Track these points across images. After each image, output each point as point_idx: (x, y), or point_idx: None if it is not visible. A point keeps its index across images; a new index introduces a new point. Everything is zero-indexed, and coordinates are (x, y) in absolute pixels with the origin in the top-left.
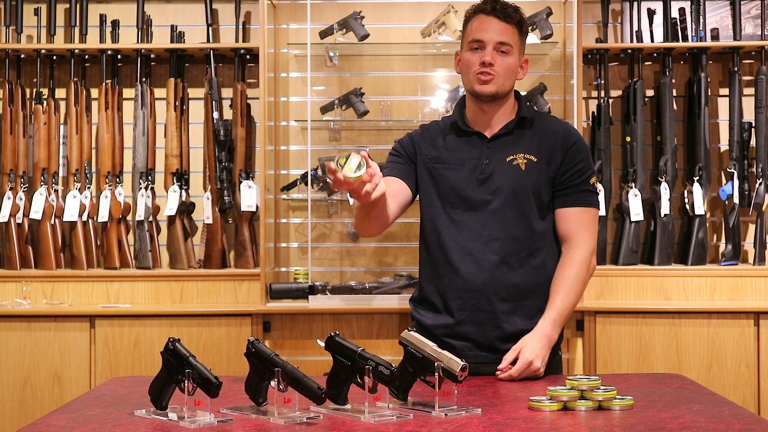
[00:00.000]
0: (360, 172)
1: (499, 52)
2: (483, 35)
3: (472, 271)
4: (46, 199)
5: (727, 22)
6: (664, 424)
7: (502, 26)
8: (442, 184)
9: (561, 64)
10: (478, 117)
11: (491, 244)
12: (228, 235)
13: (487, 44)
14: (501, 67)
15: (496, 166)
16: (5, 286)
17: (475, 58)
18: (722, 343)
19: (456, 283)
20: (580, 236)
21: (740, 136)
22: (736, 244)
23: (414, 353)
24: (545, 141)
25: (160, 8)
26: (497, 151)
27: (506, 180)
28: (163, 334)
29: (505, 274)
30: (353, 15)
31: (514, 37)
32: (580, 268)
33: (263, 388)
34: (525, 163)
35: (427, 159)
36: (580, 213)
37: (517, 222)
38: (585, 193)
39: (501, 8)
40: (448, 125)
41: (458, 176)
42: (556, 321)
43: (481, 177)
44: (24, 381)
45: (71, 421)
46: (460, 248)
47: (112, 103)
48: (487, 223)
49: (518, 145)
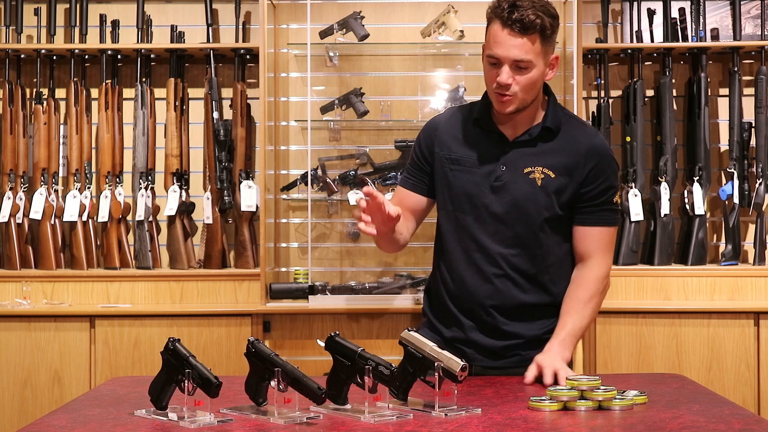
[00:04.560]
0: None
1: (517, 68)
2: (498, 51)
3: (475, 282)
4: (46, 199)
5: (727, 22)
6: (664, 424)
7: (520, 41)
8: (456, 188)
9: (561, 64)
10: (503, 118)
11: (496, 257)
12: (228, 235)
13: (503, 62)
14: (520, 85)
15: (512, 176)
16: (5, 286)
17: (492, 74)
18: (722, 343)
19: (463, 292)
20: (598, 256)
21: (740, 136)
22: (736, 244)
23: (414, 353)
24: (568, 156)
25: (160, 8)
26: (516, 159)
27: (519, 193)
28: (163, 334)
29: (510, 290)
30: (353, 15)
31: (534, 48)
32: (595, 288)
33: (263, 388)
34: (542, 178)
35: (444, 159)
36: (600, 233)
37: (525, 238)
38: (606, 212)
39: (518, 18)
40: (472, 118)
41: (472, 180)
42: (565, 341)
43: (496, 185)
44: (24, 381)
45: (71, 421)
46: (465, 256)
47: (112, 103)
48: (494, 235)
49: (538, 156)
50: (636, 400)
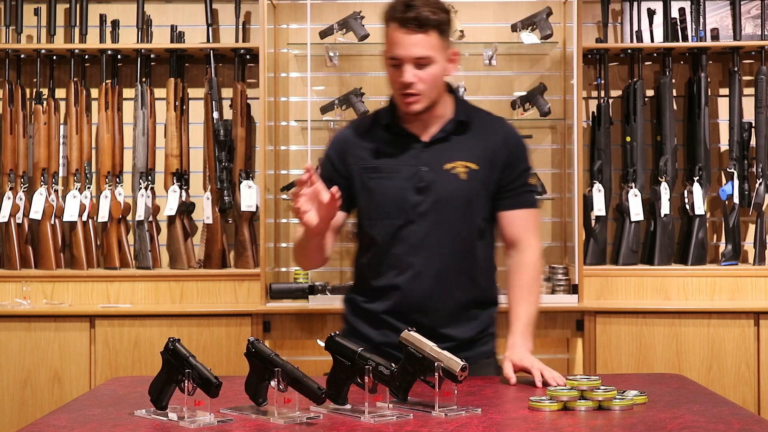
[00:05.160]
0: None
1: (419, 66)
2: (399, 51)
3: (412, 286)
4: (46, 199)
5: (727, 22)
6: (664, 424)
7: (418, 38)
8: (379, 195)
9: (561, 64)
10: (411, 120)
11: (431, 257)
12: (228, 235)
13: (405, 61)
14: (425, 82)
15: (435, 175)
16: (5, 286)
17: (395, 76)
18: (722, 343)
19: (395, 298)
20: (529, 239)
21: (740, 136)
22: (736, 244)
23: (414, 353)
24: (486, 145)
25: (160, 8)
26: (435, 157)
27: (446, 189)
28: (163, 334)
29: (446, 288)
30: (353, 15)
31: (434, 44)
32: (536, 272)
33: (263, 388)
34: (465, 171)
35: (362, 170)
36: (525, 215)
37: (457, 234)
38: (528, 194)
39: (414, 17)
40: (381, 125)
41: (395, 185)
42: (525, 333)
43: (420, 185)
44: (24, 381)
45: (71, 421)
46: (398, 261)
47: (112, 103)
48: (426, 235)
49: (457, 151)
50: (636, 400)
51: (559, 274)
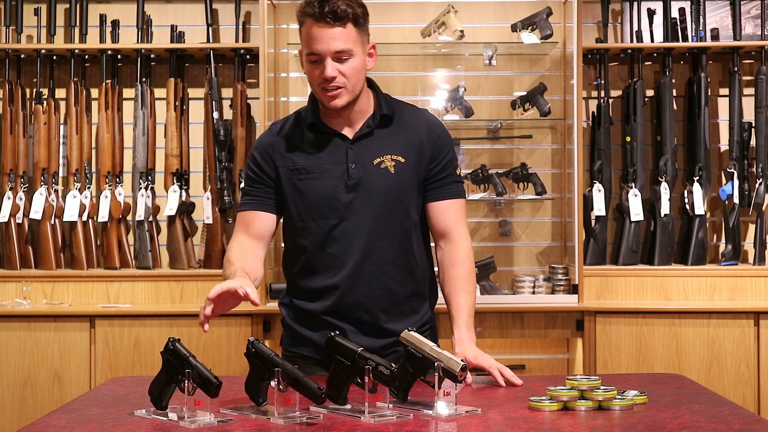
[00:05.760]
0: None
1: (339, 60)
2: (318, 47)
3: (350, 284)
4: (46, 199)
5: (727, 22)
6: (664, 424)
7: (336, 31)
8: (310, 195)
9: (561, 64)
10: (335, 117)
11: (368, 253)
12: (228, 235)
13: (324, 56)
14: (346, 75)
15: (364, 171)
16: (5, 286)
17: (316, 73)
18: (722, 343)
19: (334, 298)
20: (459, 229)
21: (740, 136)
22: (736, 244)
23: (414, 353)
24: (411, 138)
25: (160, 8)
26: (362, 154)
27: (376, 184)
28: (163, 334)
29: (385, 283)
30: None
31: (352, 37)
32: (469, 263)
33: (263, 388)
34: (393, 165)
35: (290, 172)
36: (455, 204)
37: (391, 227)
38: (455, 185)
39: (331, 11)
40: (305, 125)
41: (326, 184)
42: (469, 324)
43: (351, 183)
44: (24, 381)
45: (71, 421)
46: (336, 261)
47: (112, 103)
48: (362, 232)
49: (383, 145)
50: (636, 400)
51: (559, 274)
